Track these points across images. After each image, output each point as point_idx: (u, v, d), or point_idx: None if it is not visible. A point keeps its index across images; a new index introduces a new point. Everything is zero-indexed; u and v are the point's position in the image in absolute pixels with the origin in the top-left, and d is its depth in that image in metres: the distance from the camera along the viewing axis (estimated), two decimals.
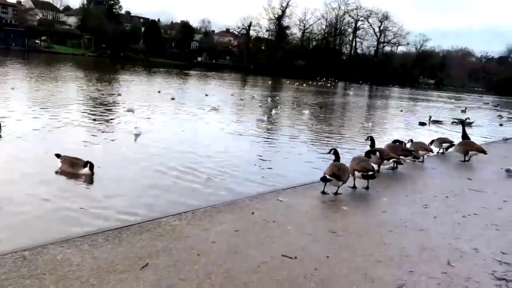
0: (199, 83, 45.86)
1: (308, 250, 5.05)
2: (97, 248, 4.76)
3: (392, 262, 4.84)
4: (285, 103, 28.89)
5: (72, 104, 17.83)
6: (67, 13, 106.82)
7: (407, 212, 6.76)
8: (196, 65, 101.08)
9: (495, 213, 6.98)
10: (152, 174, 8.63)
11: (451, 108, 40.05)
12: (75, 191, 7.41)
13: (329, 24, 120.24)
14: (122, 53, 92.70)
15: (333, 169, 7.19)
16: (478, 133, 19.91)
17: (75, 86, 26.53)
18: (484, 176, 9.99)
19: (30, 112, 14.71)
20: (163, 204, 6.95)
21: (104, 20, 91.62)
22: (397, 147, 9.98)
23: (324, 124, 19.68)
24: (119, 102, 20.31)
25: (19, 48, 79.19)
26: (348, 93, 53.56)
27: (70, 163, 8.18)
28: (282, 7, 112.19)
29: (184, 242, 5.03)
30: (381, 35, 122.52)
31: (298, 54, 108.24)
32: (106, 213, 6.35)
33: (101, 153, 9.95)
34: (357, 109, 32.08)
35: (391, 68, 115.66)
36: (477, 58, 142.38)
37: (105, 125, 13.82)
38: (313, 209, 6.71)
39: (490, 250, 5.37)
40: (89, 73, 40.55)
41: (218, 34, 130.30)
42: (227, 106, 23.23)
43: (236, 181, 8.58)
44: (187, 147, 11.51)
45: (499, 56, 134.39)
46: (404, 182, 8.93)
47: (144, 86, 33.09)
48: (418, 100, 50.31)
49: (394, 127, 21.13)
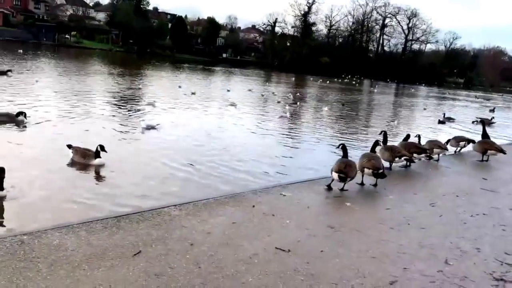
0: (222, 78, 46.13)
1: (303, 244, 5.02)
2: (94, 235, 4.86)
3: (387, 259, 4.76)
4: (305, 100, 28.73)
5: (95, 97, 18.26)
6: (97, 9, 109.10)
7: (412, 210, 6.63)
8: (221, 61, 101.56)
9: (505, 213, 6.76)
10: (163, 166, 8.76)
11: (476, 107, 38.95)
12: (85, 179, 7.63)
13: (356, 21, 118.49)
14: (149, 49, 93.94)
15: (339, 166, 7.11)
16: (502, 133, 19.33)
17: (99, 80, 27.13)
18: (500, 176, 9.69)
19: (52, 104, 15.12)
20: (169, 195, 7.05)
21: (132, 16, 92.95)
22: (410, 144, 9.78)
23: (343, 121, 19.48)
24: (141, 95, 20.67)
25: (50, 42, 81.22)
26: (373, 90, 52.77)
27: (82, 154, 8.36)
28: (308, 3, 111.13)
29: (179, 232, 5.08)
30: (409, 32, 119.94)
31: (323, 51, 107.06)
32: (112, 201, 6.50)
33: (117, 145, 10.14)
34: (379, 106, 31.58)
35: (419, 66, 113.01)
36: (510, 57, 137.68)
37: (124, 117, 14.08)
38: (315, 204, 6.65)
39: (493, 251, 5.21)
40: (115, 67, 41.34)
41: (243, 31, 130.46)
42: (246, 101, 23.30)
43: (245, 175, 8.62)
44: (200, 140, 11.64)
45: None
46: (414, 180, 8.76)
47: (167, 81, 33.50)
48: (445, 99, 49.14)
49: (414, 126, 20.70)
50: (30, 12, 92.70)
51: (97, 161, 8.28)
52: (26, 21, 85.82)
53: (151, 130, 12.16)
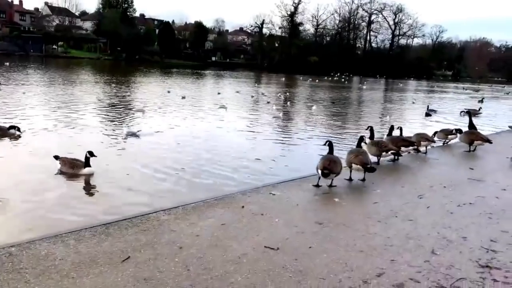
0: (211, 82, 46.12)
1: (292, 241, 5.06)
2: (82, 243, 4.87)
3: (375, 252, 4.81)
4: (295, 99, 28.82)
5: (83, 106, 18.16)
6: (83, 18, 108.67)
7: (400, 203, 6.69)
8: (210, 64, 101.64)
9: (491, 202, 6.85)
10: (152, 172, 8.74)
11: (464, 99, 39.33)
12: (73, 189, 7.62)
13: (342, 19, 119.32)
14: (137, 56, 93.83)
15: (324, 163, 7.17)
16: (489, 123, 19.56)
17: (87, 89, 26.99)
18: (486, 165, 9.82)
19: (39, 115, 15.03)
20: (159, 200, 7.04)
21: (119, 23, 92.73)
22: (397, 138, 9.88)
23: (333, 119, 19.59)
24: (130, 103, 20.63)
25: (37, 54, 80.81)
26: (362, 87, 53.04)
27: (70, 164, 8.30)
28: (294, 3, 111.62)
29: (168, 236, 5.10)
30: (396, 28, 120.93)
31: (311, 50, 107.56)
32: (100, 209, 6.51)
33: (104, 152, 10.09)
34: (369, 102, 31.78)
35: (407, 61, 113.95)
36: (496, 48, 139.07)
37: (113, 125, 14.05)
38: (304, 202, 6.70)
39: (479, 238, 5.28)
40: (103, 76, 41.21)
41: (231, 34, 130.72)
42: (236, 104, 23.35)
43: (235, 176, 8.65)
44: (190, 144, 11.67)
45: None
46: (402, 173, 8.85)
47: (156, 87, 33.39)
48: (433, 92, 49.54)
49: (404, 119, 20.85)
50: (16, 24, 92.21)
51: (87, 170, 8.23)
52: (11, 33, 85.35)
53: (141, 137, 12.13)
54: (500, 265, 4.54)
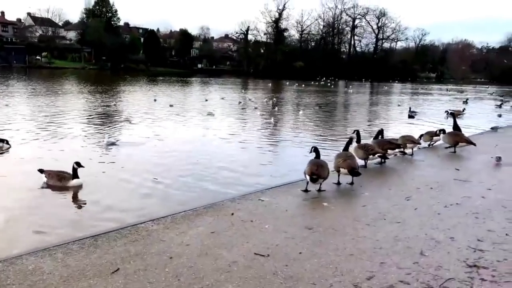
0: (198, 89, 46.05)
1: (282, 247, 5.07)
2: (70, 256, 4.81)
3: (364, 255, 4.85)
4: (282, 105, 28.92)
5: (67, 117, 17.96)
6: (67, 28, 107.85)
7: (388, 205, 6.76)
8: (196, 72, 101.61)
9: (477, 202, 6.95)
10: (140, 182, 8.68)
11: (448, 100, 39.91)
12: (59, 201, 7.52)
13: (326, 24, 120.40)
14: (123, 65, 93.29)
15: (311, 168, 7.20)
16: (472, 124, 19.86)
17: (72, 99, 26.74)
18: (471, 165, 9.96)
19: (22, 127, 14.81)
20: (147, 210, 7.00)
21: (103, 33, 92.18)
22: (384, 141, 9.98)
23: (320, 123, 19.70)
24: (116, 112, 20.48)
25: (20, 65, 79.95)
26: (348, 91, 53.44)
27: (57, 177, 8.14)
28: (278, 9, 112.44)
29: (157, 246, 5.07)
30: (379, 31, 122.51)
31: (297, 56, 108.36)
32: (88, 220, 6.44)
33: (90, 164, 9.98)
34: (355, 106, 32.02)
35: (391, 64, 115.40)
36: (478, 49, 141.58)
37: (99, 136, 13.90)
38: (293, 207, 6.72)
39: (466, 238, 5.36)
40: (88, 85, 40.87)
41: (217, 40, 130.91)
42: (224, 110, 23.35)
43: (224, 183, 8.64)
44: (178, 152, 11.60)
45: (500, 46, 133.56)
46: (389, 176, 8.93)
47: (142, 95, 33.22)
48: (418, 94, 50.18)
49: (390, 122, 21.07)
50: None
51: (75, 182, 8.10)
52: None
53: (129, 146, 12.04)
54: (487, 264, 4.61)
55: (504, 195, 7.34)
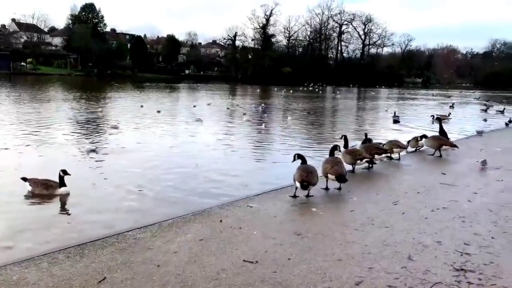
0: (185, 95, 45.95)
1: (270, 253, 5.05)
2: (56, 265, 4.73)
3: (353, 260, 4.85)
4: (271, 110, 28.98)
5: (55, 124, 17.73)
6: (52, 34, 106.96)
7: (375, 210, 6.79)
8: (184, 78, 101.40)
9: (463, 205, 7.03)
10: (127, 189, 8.56)
11: (435, 105, 40.43)
12: (43, 210, 7.37)
13: (313, 30, 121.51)
14: (109, 71, 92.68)
15: (302, 175, 7.19)
16: (459, 128, 20.14)
17: (58, 106, 26.41)
18: (457, 169, 10.07)
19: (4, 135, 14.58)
20: (134, 217, 6.90)
21: (90, 39, 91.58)
22: (371, 146, 10.04)
23: (309, 129, 19.77)
24: (103, 119, 20.30)
25: (4, 71, 78.77)
26: (336, 96, 53.88)
27: (43, 185, 7.95)
28: (266, 15, 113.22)
29: (145, 254, 5.01)
30: (366, 37, 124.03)
31: (284, 61, 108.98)
32: (74, 229, 6.33)
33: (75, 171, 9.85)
34: (343, 112, 32.26)
35: (378, 70, 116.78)
36: (462, 55, 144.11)
37: (84, 143, 13.74)
38: (282, 213, 6.71)
39: (453, 242, 5.40)
40: (74, 92, 40.48)
41: (204, 46, 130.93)
42: (212, 116, 23.30)
43: (212, 190, 8.58)
44: (166, 159, 11.53)
45: (484, 51, 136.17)
46: (377, 181, 8.99)
47: (129, 101, 33.02)
48: (404, 99, 50.74)
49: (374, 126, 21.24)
50: None
51: (63, 190, 7.91)
52: None
53: (115, 154, 11.88)
54: (474, 268, 4.65)
55: (489, 199, 7.44)
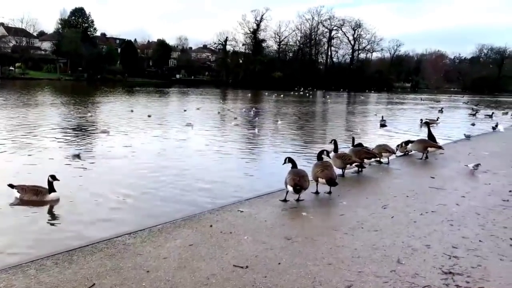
0: (176, 99, 45.83)
1: (261, 258, 5.05)
2: (44, 272, 4.68)
3: (343, 264, 4.87)
4: (262, 115, 29.01)
5: (44, 129, 17.54)
6: (42, 39, 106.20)
7: (365, 213, 6.83)
8: (175, 82, 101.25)
9: (452, 209, 7.10)
10: (117, 195, 8.50)
11: (423, 109, 40.84)
12: (32, 217, 7.29)
13: (303, 35, 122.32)
14: (99, 75, 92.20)
15: (294, 179, 7.20)
16: (447, 132, 20.34)
17: (47, 111, 26.17)
18: (446, 173, 10.16)
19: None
20: (124, 223, 6.86)
21: (80, 43, 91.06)
22: (361, 150, 10.11)
23: (300, 133, 19.83)
24: (93, 124, 20.15)
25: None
26: (326, 101, 54.14)
27: (32, 192, 7.85)
28: (256, 21, 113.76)
29: (134, 260, 4.98)
30: (355, 42, 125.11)
31: (275, 66, 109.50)
32: (62, 235, 6.28)
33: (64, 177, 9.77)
34: (332, 116, 32.43)
35: (367, 74, 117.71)
36: (450, 60, 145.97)
37: (74, 148, 13.59)
38: (272, 217, 6.72)
39: (441, 246, 5.45)
40: (64, 97, 40.19)
41: (195, 51, 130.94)
42: (203, 121, 23.25)
43: (203, 195, 8.56)
44: (156, 164, 11.45)
45: (471, 56, 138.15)
46: (366, 185, 9.04)
47: (119, 106, 32.83)
48: (393, 104, 51.17)
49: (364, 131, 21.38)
50: None
51: (53, 195, 7.82)
52: None
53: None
54: (461, 271, 4.70)
55: (477, 202, 7.53)
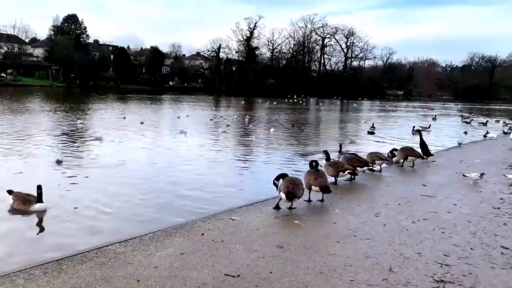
0: (169, 106, 45.75)
1: (252, 267, 5.02)
2: (32, 282, 4.61)
3: (334, 273, 4.85)
4: (255, 122, 29.03)
5: (37, 137, 17.38)
6: (34, 45, 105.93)
7: (357, 221, 6.82)
8: (168, 89, 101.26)
9: (443, 216, 7.12)
10: (108, 203, 8.42)
11: (416, 117, 41.16)
12: (21, 226, 7.20)
13: (297, 43, 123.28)
14: (92, 82, 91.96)
15: (287, 187, 7.19)
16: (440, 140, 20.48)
17: (38, 118, 26.00)
18: (438, 181, 10.20)
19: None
20: (114, 232, 6.80)
21: (72, 50, 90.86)
22: (353, 158, 10.13)
23: (290, 141, 19.86)
24: (85, 131, 20.03)
25: None
26: (320, 108, 54.41)
27: (22, 200, 7.74)
28: (250, 28, 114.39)
29: (125, 269, 4.93)
30: (348, 50, 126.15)
31: (268, 73, 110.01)
32: (52, 244, 6.20)
33: (54, 185, 9.68)
34: (325, 123, 32.56)
35: (360, 82, 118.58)
36: (442, 68, 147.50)
37: (69, 155, 13.48)
38: (264, 225, 6.69)
39: (433, 254, 5.46)
40: (55, 103, 39.97)
41: (188, 58, 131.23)
42: (196, 128, 23.22)
43: (194, 203, 8.50)
44: (148, 172, 11.40)
45: (463, 64, 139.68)
46: (359, 193, 9.05)
47: (112, 113, 32.69)
48: (386, 111, 51.50)
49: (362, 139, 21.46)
50: None
51: (38, 206, 7.63)
52: None
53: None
54: (453, 279, 4.70)
55: (468, 210, 7.56)
